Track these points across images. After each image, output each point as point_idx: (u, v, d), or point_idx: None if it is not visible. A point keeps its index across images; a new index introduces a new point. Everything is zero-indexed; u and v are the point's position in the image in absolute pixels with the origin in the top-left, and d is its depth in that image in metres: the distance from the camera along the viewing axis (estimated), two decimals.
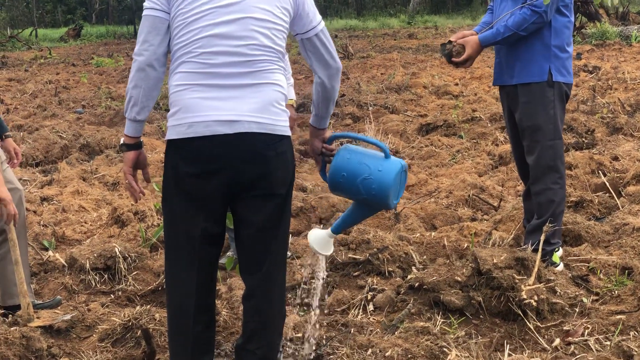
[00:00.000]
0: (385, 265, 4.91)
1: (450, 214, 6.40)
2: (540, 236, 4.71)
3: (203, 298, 3.35)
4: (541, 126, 4.82)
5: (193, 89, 3.14)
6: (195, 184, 3.16)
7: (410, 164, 8.60)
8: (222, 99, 3.12)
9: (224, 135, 3.09)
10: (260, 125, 3.14)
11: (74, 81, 18.73)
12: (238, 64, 3.15)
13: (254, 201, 3.24)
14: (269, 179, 3.21)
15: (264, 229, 3.28)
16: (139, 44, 3.18)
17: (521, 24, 4.69)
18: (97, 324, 4.52)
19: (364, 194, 3.61)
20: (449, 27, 36.20)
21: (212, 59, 3.13)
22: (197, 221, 3.21)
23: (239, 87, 3.15)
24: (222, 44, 3.13)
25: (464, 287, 4.42)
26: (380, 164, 3.65)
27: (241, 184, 3.18)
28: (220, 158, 3.12)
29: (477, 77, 15.53)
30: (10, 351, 4.04)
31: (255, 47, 3.17)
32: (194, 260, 3.27)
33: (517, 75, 4.85)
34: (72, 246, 6.10)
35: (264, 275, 3.33)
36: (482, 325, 4.27)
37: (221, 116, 3.09)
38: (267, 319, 3.39)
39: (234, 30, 3.14)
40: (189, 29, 3.14)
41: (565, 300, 4.39)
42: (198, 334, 3.35)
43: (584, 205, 6.35)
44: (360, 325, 4.34)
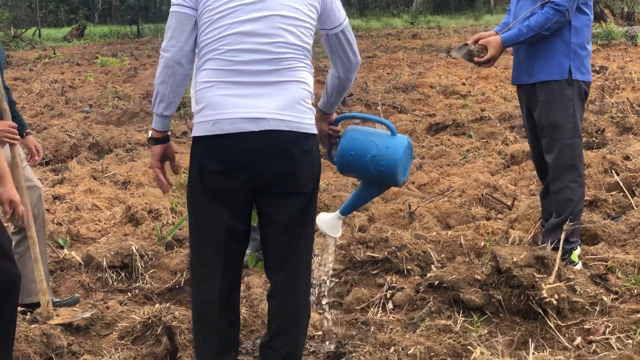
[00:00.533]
0: (404, 264, 4.91)
1: (465, 212, 6.39)
2: (559, 235, 4.70)
3: (228, 295, 3.35)
4: (560, 125, 4.81)
5: (219, 86, 3.14)
6: (221, 181, 3.17)
7: (422, 163, 8.60)
8: (248, 96, 3.12)
9: (249, 133, 3.09)
10: (285, 122, 3.14)
11: (79, 80, 18.72)
12: (264, 61, 3.15)
13: (279, 199, 3.24)
14: (295, 177, 3.21)
15: (289, 227, 3.28)
16: (166, 40, 3.18)
17: (544, 24, 4.68)
18: (117, 321, 4.52)
19: (373, 171, 3.66)
20: (452, 27, 36.20)
21: (238, 56, 3.13)
22: (222, 218, 3.22)
23: (264, 85, 3.15)
24: (248, 41, 3.14)
25: (484, 285, 4.42)
26: (387, 141, 3.71)
27: (266, 181, 3.19)
28: (245, 155, 3.12)
29: (484, 77, 15.53)
30: (30, 348, 4.04)
31: (281, 45, 3.17)
32: (219, 257, 3.27)
33: (537, 74, 4.84)
34: (86, 244, 6.10)
35: (289, 273, 3.34)
36: (502, 324, 4.26)
37: (247, 113, 3.10)
38: (292, 317, 3.39)
39: (260, 28, 3.15)
40: (215, 25, 3.15)
41: (586, 298, 4.38)
42: (223, 331, 3.36)
43: (598, 204, 6.34)
44: (380, 324, 4.34)
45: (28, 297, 4.69)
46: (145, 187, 7.85)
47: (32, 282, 4.60)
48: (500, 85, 14.30)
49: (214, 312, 3.32)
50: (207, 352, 3.37)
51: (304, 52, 3.27)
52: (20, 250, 4.63)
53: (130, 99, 14.61)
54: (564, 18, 4.67)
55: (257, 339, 4.25)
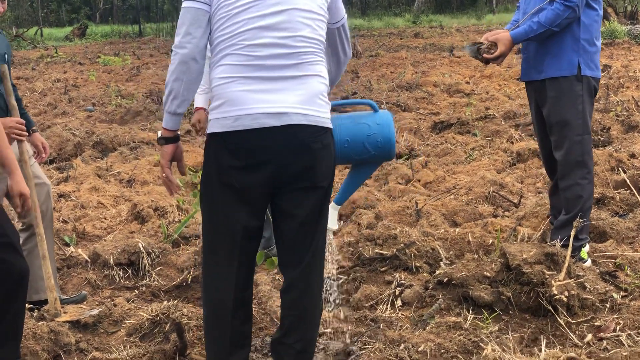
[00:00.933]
0: (413, 261, 4.88)
1: (471, 210, 6.38)
2: (568, 232, 4.68)
3: (242, 292, 3.34)
4: (569, 121, 4.79)
5: (239, 81, 3.12)
6: (240, 177, 3.15)
7: (427, 161, 8.59)
8: (269, 91, 3.10)
9: (272, 128, 3.08)
10: (306, 117, 3.13)
11: (82, 79, 18.72)
12: (284, 55, 3.14)
13: (297, 194, 3.23)
14: (314, 171, 3.20)
15: (306, 223, 3.28)
16: (181, 36, 3.15)
17: (554, 20, 4.66)
18: (124, 318, 4.50)
19: (371, 150, 3.71)
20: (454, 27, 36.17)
21: (258, 51, 3.11)
22: (239, 215, 3.20)
23: (285, 79, 3.13)
24: (268, 35, 3.12)
25: (493, 282, 4.39)
26: (375, 118, 3.77)
27: (286, 176, 3.17)
28: (267, 150, 3.11)
29: (487, 75, 15.52)
30: (39, 346, 4.03)
31: (300, 39, 3.17)
32: (235, 254, 3.26)
33: (546, 70, 4.82)
34: (92, 242, 6.09)
35: (304, 269, 3.33)
36: (512, 321, 4.24)
37: (268, 108, 3.08)
38: (305, 313, 3.38)
39: (280, 22, 3.14)
40: (233, 20, 3.12)
41: (596, 295, 4.36)
42: (236, 327, 3.34)
43: (605, 202, 6.33)
44: (389, 321, 4.32)
45: (36, 294, 4.67)
46: (150, 185, 7.84)
47: (40, 279, 4.58)
48: (504, 84, 14.29)
49: (227, 310, 3.31)
50: (220, 349, 3.35)
51: (320, 45, 3.27)
52: (28, 247, 4.62)
53: (134, 97, 14.60)
54: (574, 14, 4.65)
55: (265, 336, 4.24)
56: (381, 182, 7.84)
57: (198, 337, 4.15)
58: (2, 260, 3.36)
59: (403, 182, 7.76)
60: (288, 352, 3.38)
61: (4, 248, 3.37)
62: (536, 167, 7.90)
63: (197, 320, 4.26)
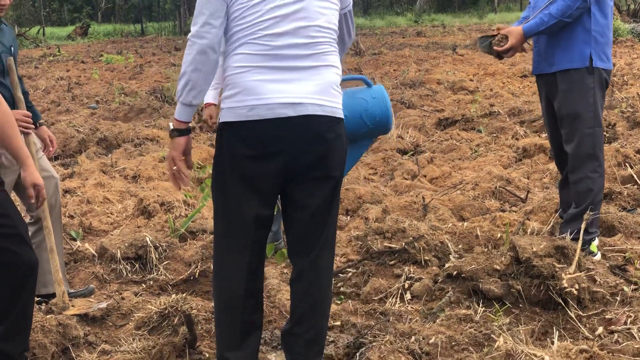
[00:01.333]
0: (422, 254, 4.87)
1: (478, 205, 6.36)
2: (578, 225, 4.67)
3: (253, 281, 3.34)
4: (580, 114, 4.77)
5: (254, 71, 3.11)
6: (254, 166, 3.14)
7: (433, 157, 8.57)
8: (285, 81, 3.10)
9: (287, 118, 3.08)
10: (322, 107, 3.14)
11: (85, 78, 18.72)
12: (300, 45, 3.14)
13: (310, 184, 3.23)
14: (327, 162, 3.21)
15: (317, 212, 3.28)
16: (199, 26, 3.12)
17: (565, 11, 4.64)
18: (133, 312, 4.49)
19: (370, 124, 3.80)
20: (456, 26, 36.15)
21: (275, 40, 3.11)
22: (251, 204, 3.20)
23: (301, 70, 3.14)
24: (285, 25, 3.12)
25: (503, 275, 4.38)
26: (370, 92, 3.81)
27: (299, 166, 3.17)
28: (282, 140, 3.11)
29: (491, 73, 15.51)
30: (47, 339, 4.01)
31: (316, 29, 3.17)
32: (247, 244, 3.25)
33: (557, 63, 4.80)
34: (99, 236, 6.07)
35: (314, 258, 3.33)
36: (522, 314, 4.22)
37: (284, 99, 3.08)
38: (316, 302, 3.38)
39: (298, 11, 3.14)
40: (252, 10, 3.11)
41: (606, 289, 4.34)
42: (247, 316, 3.34)
43: (613, 197, 6.31)
44: (399, 314, 4.30)
45: (44, 287, 4.66)
46: (156, 181, 7.83)
47: (48, 272, 4.57)
48: (508, 81, 14.28)
49: (239, 299, 3.30)
50: (231, 339, 3.34)
51: (334, 35, 3.28)
52: (37, 240, 4.60)
53: (137, 95, 14.59)
54: (585, 4, 4.63)
55: (274, 329, 4.22)
56: (387, 177, 7.83)
57: (207, 330, 4.14)
58: (10, 251, 3.35)
59: (409, 177, 7.75)
60: (298, 342, 3.38)
61: (12, 239, 3.36)
62: (542, 162, 7.89)
63: (206, 313, 4.25)
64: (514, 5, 49.96)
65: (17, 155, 3.57)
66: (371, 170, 8.31)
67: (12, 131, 3.53)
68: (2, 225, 3.33)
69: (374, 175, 8.09)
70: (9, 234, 3.35)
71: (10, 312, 3.44)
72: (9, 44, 4.57)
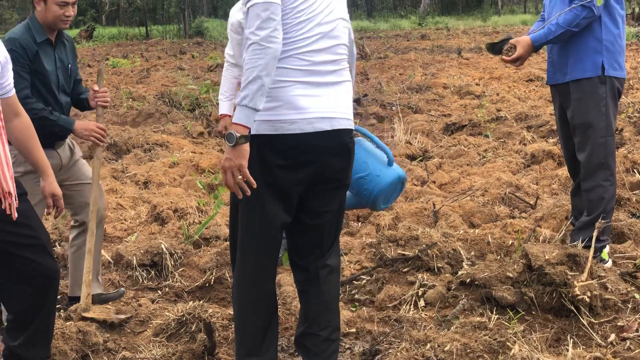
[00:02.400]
0: (435, 262, 4.93)
1: (488, 212, 6.41)
2: (590, 233, 4.71)
3: (274, 287, 3.53)
4: (593, 123, 4.82)
5: (296, 86, 3.21)
6: (283, 175, 3.25)
7: (441, 162, 8.62)
8: (321, 96, 3.25)
9: (324, 132, 3.24)
10: (348, 121, 3.35)
11: (91, 82, 18.74)
12: (332, 62, 3.31)
13: (329, 193, 3.41)
14: (348, 171, 3.42)
15: (332, 219, 3.46)
16: (271, 30, 3.06)
17: (572, 21, 4.70)
18: (150, 319, 4.55)
19: (355, 188, 3.90)
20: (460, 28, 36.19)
21: (315, 56, 3.24)
22: (278, 211, 3.33)
23: (332, 85, 3.30)
24: (324, 43, 3.27)
25: (516, 283, 4.43)
26: (380, 169, 3.88)
27: (326, 175, 3.34)
28: (316, 151, 3.26)
29: (497, 77, 15.55)
30: (67, 345, 4.07)
31: (342, 47, 3.37)
32: (273, 249, 3.41)
33: (570, 72, 4.86)
34: (113, 243, 6.13)
35: (326, 260, 3.51)
36: (534, 322, 4.27)
37: (322, 113, 3.23)
38: (331, 300, 3.54)
39: (333, 30, 3.30)
40: (300, 26, 3.21)
41: (617, 296, 4.39)
42: (267, 322, 3.46)
43: (621, 203, 6.35)
44: (413, 321, 4.36)
45: (79, 290, 4.72)
46: (167, 187, 7.87)
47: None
48: (514, 85, 14.32)
49: (262, 305, 3.43)
50: (253, 344, 3.44)
51: (347, 51, 3.45)
52: (77, 243, 4.75)
53: (145, 99, 14.62)
54: (592, 13, 4.68)
55: (291, 336, 4.27)
56: None
57: (224, 337, 4.20)
58: (33, 261, 3.41)
59: (418, 183, 7.80)
60: (315, 341, 3.50)
61: (34, 249, 3.43)
62: (551, 168, 7.93)
63: (223, 321, 4.30)
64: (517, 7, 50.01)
65: (37, 166, 3.65)
66: None
67: (33, 143, 3.61)
68: (25, 235, 3.40)
69: None
70: (31, 244, 3.42)
71: (32, 320, 3.51)
72: (67, 61, 4.63)
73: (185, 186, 7.94)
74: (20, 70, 4.23)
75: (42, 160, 3.65)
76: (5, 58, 3.41)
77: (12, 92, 3.50)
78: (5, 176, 3.23)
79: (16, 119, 3.53)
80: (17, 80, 3.99)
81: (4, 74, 3.41)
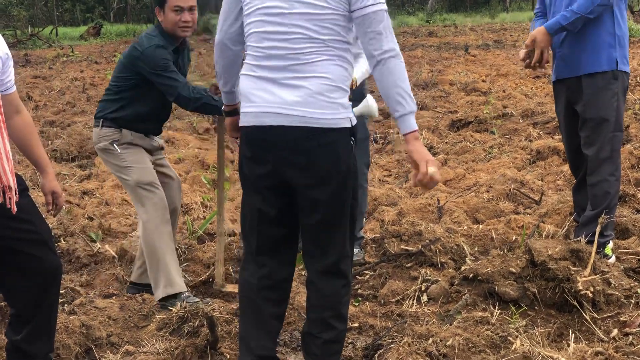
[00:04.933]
0: (438, 257, 4.93)
1: (493, 207, 6.41)
2: (594, 228, 4.70)
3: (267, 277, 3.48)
4: (606, 118, 4.80)
5: (248, 79, 3.31)
6: (250, 167, 3.36)
7: (446, 159, 8.62)
8: (268, 90, 3.23)
9: (270, 127, 3.21)
10: (300, 118, 3.18)
11: (99, 78, 18.78)
12: (281, 57, 3.22)
13: (307, 192, 3.30)
14: (312, 171, 3.26)
15: (322, 220, 3.34)
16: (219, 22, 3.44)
17: (587, 6, 4.64)
18: (154, 313, 4.57)
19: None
20: (468, 26, 36.13)
21: (260, 51, 3.26)
22: (254, 199, 3.39)
23: (283, 80, 3.22)
24: (268, 38, 3.24)
25: (519, 278, 4.44)
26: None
27: (288, 174, 3.28)
28: (267, 147, 3.26)
29: (504, 73, 15.51)
30: (71, 339, 4.10)
31: (299, 40, 3.21)
32: (254, 239, 3.46)
33: (584, 67, 4.81)
34: (118, 238, 6.15)
35: (327, 263, 3.41)
36: (537, 317, 4.28)
37: (267, 108, 3.22)
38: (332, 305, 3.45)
39: (278, 25, 3.23)
40: (247, 21, 3.32)
41: (620, 291, 4.40)
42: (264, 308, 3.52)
43: (626, 199, 6.33)
44: (416, 316, 4.36)
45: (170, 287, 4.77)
46: None
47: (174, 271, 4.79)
48: (521, 82, 14.28)
49: (252, 291, 3.47)
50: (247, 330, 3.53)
51: (325, 44, 3.23)
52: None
53: None
54: (606, 2, 4.65)
55: (294, 330, 4.29)
56: (402, 179, 7.88)
57: (227, 332, 4.20)
58: (34, 256, 3.42)
59: None
60: (315, 342, 3.46)
61: (36, 244, 3.43)
62: (556, 164, 7.92)
63: (227, 315, 4.31)
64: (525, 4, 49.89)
65: (38, 163, 3.65)
66: (385, 172, 8.36)
67: (33, 140, 3.62)
68: (27, 230, 3.40)
69: (388, 177, 8.15)
70: (33, 240, 3.42)
71: (35, 315, 3.51)
72: (184, 69, 4.87)
73: (190, 182, 7.95)
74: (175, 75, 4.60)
75: (42, 157, 3.65)
76: (6, 55, 3.41)
77: (13, 89, 3.50)
78: (5, 170, 3.23)
79: (17, 116, 3.53)
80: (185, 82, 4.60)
81: (4, 70, 3.41)
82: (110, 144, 4.78)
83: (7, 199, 3.25)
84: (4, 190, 3.24)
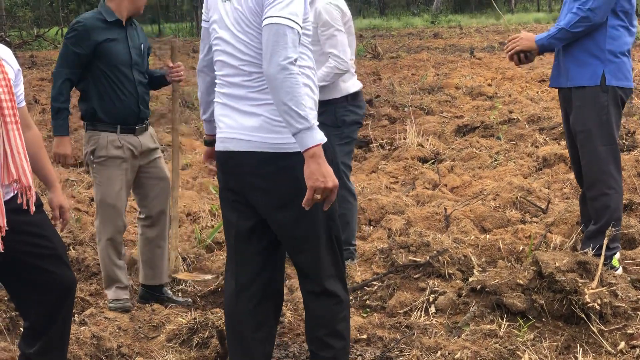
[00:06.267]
0: (446, 268, 4.96)
1: (500, 216, 6.43)
2: (599, 242, 4.73)
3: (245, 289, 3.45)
4: (592, 131, 4.84)
5: (217, 105, 3.40)
6: (221, 187, 3.46)
7: (453, 165, 8.63)
8: (231, 117, 3.29)
9: (231, 152, 3.29)
10: (261, 144, 3.21)
11: None
12: (238, 85, 3.27)
13: (273, 216, 3.32)
14: (275, 195, 3.27)
15: (294, 244, 3.38)
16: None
17: (570, 22, 4.75)
18: (164, 324, 4.60)
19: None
20: (473, 27, 36.12)
21: (222, 79, 3.35)
22: (230, 217, 3.44)
23: (242, 107, 3.26)
24: (226, 65, 3.31)
25: (526, 290, 4.46)
26: None
27: (251, 197, 3.33)
28: (231, 171, 3.35)
29: (509, 77, 15.51)
30: (82, 351, 4.13)
31: (248, 67, 3.23)
32: (231, 252, 3.51)
33: (572, 78, 4.88)
34: (126, 246, 6.16)
35: (311, 285, 3.42)
36: (544, 329, 4.29)
37: (230, 134, 3.29)
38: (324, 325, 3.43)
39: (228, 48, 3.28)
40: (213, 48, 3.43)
41: (628, 303, 4.41)
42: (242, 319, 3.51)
43: (632, 208, 6.35)
44: (424, 327, 4.39)
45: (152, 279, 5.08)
46: (180, 190, 7.91)
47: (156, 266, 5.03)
48: (526, 86, 14.28)
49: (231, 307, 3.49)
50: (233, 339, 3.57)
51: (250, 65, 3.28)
52: (149, 236, 5.07)
53: (158, 100, 14.67)
54: (588, 20, 4.69)
55: (303, 342, 4.31)
56: (409, 187, 7.90)
57: None
58: (49, 271, 3.45)
59: (430, 187, 7.82)
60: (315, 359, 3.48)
61: (50, 259, 3.46)
62: (563, 172, 7.93)
63: None
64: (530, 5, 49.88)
65: (46, 178, 3.69)
66: (392, 179, 8.38)
67: (42, 154, 3.65)
68: (41, 246, 3.44)
69: (395, 184, 8.16)
70: (47, 255, 3.46)
71: (48, 329, 3.55)
72: (139, 41, 4.97)
73: (197, 189, 7.98)
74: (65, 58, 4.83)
75: (51, 172, 3.69)
76: (18, 69, 3.45)
77: (23, 104, 3.53)
78: (25, 171, 3.28)
79: (28, 131, 3.55)
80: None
81: (16, 83, 3.44)
82: (91, 153, 4.92)
83: (24, 200, 3.29)
84: (23, 191, 3.28)
